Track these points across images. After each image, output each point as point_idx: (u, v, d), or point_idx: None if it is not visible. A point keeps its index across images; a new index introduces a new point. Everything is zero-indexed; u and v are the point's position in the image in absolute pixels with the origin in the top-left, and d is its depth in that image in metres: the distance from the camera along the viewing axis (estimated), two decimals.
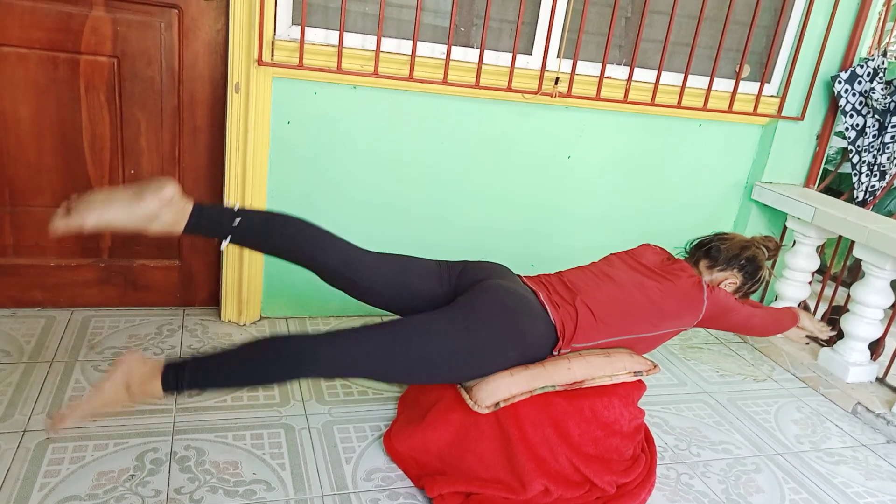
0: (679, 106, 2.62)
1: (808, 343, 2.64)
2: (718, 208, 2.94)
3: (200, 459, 1.74)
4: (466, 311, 1.66)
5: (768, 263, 2.14)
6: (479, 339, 1.63)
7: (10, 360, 2.03)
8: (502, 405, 1.66)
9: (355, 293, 1.77)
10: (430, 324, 1.62)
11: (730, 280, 2.06)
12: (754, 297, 2.89)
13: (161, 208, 1.49)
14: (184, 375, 1.46)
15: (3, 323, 2.23)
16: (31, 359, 2.06)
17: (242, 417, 1.93)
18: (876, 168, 2.79)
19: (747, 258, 2.06)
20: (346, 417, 2.00)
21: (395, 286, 1.77)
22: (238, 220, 1.59)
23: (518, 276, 1.92)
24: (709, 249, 2.10)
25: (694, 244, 2.18)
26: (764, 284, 2.14)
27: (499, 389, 1.67)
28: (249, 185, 2.27)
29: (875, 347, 2.60)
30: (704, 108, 2.66)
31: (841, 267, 2.87)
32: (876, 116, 2.76)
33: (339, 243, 1.72)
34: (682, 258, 2.11)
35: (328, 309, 2.57)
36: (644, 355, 1.90)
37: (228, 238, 1.59)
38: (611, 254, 2.09)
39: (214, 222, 1.58)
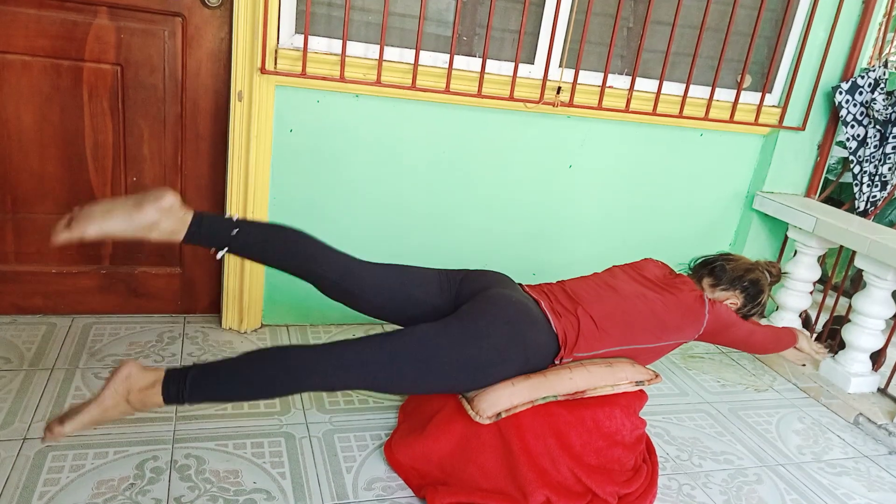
0: (681, 116, 2.63)
1: (804, 365, 2.63)
2: (720, 218, 2.94)
3: (201, 468, 1.73)
4: (468, 322, 1.65)
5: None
6: (481, 349, 1.63)
7: (10, 368, 2.03)
8: (504, 416, 1.66)
9: (355, 304, 1.77)
10: (431, 335, 1.61)
11: (731, 301, 2.07)
12: None
13: (160, 217, 1.50)
14: (185, 387, 1.46)
15: (3, 330, 2.22)
16: (31, 366, 2.05)
17: (243, 426, 1.92)
18: (877, 178, 2.80)
19: (750, 281, 2.08)
20: (347, 426, 1.99)
21: (395, 297, 1.77)
22: (236, 230, 1.59)
23: (519, 284, 1.92)
24: (713, 268, 2.11)
25: (698, 262, 2.20)
26: (763, 308, 2.16)
27: (500, 400, 1.66)
28: (251, 194, 2.27)
29: (877, 358, 2.59)
30: (706, 118, 2.66)
31: (842, 277, 2.87)
32: (877, 127, 2.77)
33: (338, 255, 1.72)
34: (684, 274, 2.12)
35: (329, 317, 2.56)
36: (646, 366, 1.90)
37: (226, 249, 1.59)
38: (613, 266, 2.10)
39: (213, 232, 1.59)
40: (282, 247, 1.66)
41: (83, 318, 2.36)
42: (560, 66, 2.45)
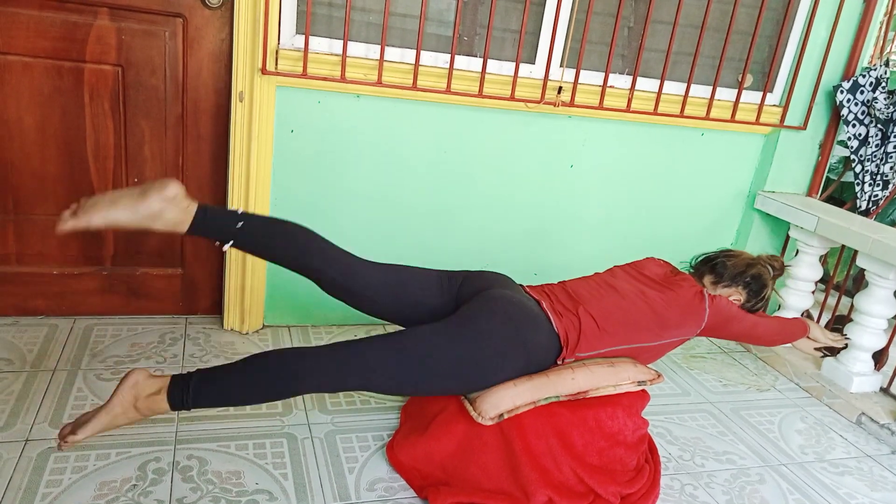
0: (682, 115, 2.63)
1: (822, 356, 2.56)
2: (721, 217, 2.94)
3: (203, 469, 1.73)
4: (469, 322, 1.65)
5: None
6: (483, 349, 1.63)
7: (12, 369, 2.03)
8: (506, 416, 1.66)
9: (355, 303, 1.77)
10: (433, 335, 1.61)
11: (734, 297, 2.07)
12: None
13: (165, 207, 1.50)
14: (188, 392, 1.46)
15: (5, 331, 2.22)
16: (33, 367, 2.05)
17: (245, 427, 1.92)
18: (879, 177, 2.79)
19: (752, 276, 2.07)
20: (349, 427, 1.99)
21: (395, 296, 1.77)
22: (241, 223, 1.59)
23: (520, 285, 1.92)
24: (714, 265, 2.11)
25: (699, 259, 2.19)
26: (766, 303, 2.15)
27: (502, 401, 1.66)
28: (253, 194, 2.27)
29: (879, 357, 2.59)
30: (707, 118, 2.66)
31: (844, 277, 2.87)
32: (878, 126, 2.76)
33: (340, 253, 1.72)
34: (686, 272, 2.11)
35: (331, 318, 2.56)
36: (648, 365, 1.89)
37: (231, 241, 1.59)
38: (614, 266, 2.09)
39: (218, 224, 1.59)
40: (285, 242, 1.66)
41: (85, 319, 2.36)
42: (561, 65, 2.45)
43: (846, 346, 2.53)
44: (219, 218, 1.59)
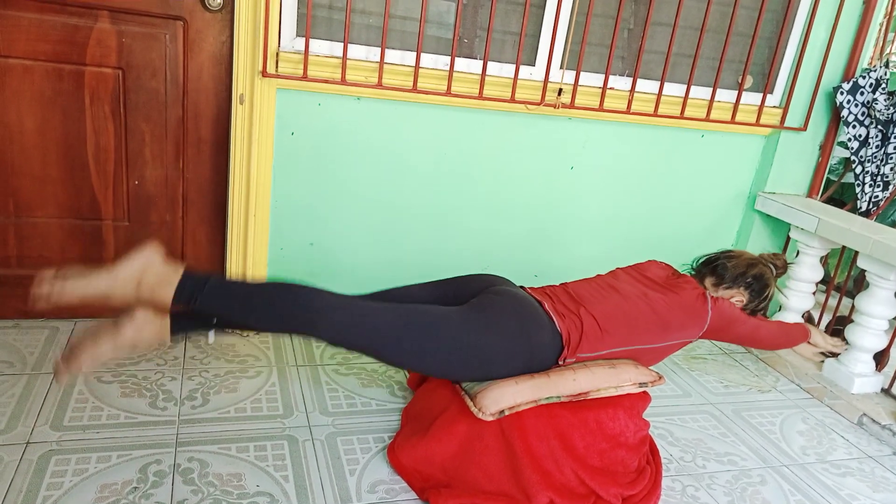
0: (682, 117, 2.63)
1: (822, 360, 2.61)
2: (721, 219, 2.94)
3: (204, 471, 1.73)
4: (477, 311, 1.69)
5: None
6: (489, 338, 1.65)
7: (13, 372, 2.03)
8: (507, 412, 1.66)
9: None
10: (446, 313, 1.65)
11: (736, 298, 2.06)
12: None
13: (139, 333, 1.54)
14: (202, 289, 1.44)
15: (6, 334, 2.22)
16: (34, 370, 2.05)
17: (246, 429, 1.92)
18: (879, 178, 2.79)
19: (754, 276, 2.06)
20: (350, 429, 1.99)
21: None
22: (215, 319, 1.63)
23: (522, 287, 1.92)
24: (715, 267, 2.10)
25: (701, 261, 2.19)
26: (769, 301, 2.15)
27: (503, 397, 1.66)
28: (253, 196, 2.27)
29: (880, 358, 2.59)
30: (707, 119, 2.66)
31: (845, 278, 2.87)
32: (879, 127, 2.76)
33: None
34: (687, 274, 2.11)
35: None
36: (650, 367, 1.89)
37: (213, 329, 1.67)
38: (616, 268, 2.09)
39: (196, 326, 1.65)
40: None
41: (85, 321, 2.36)
42: (561, 67, 2.45)
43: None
44: (194, 321, 1.64)
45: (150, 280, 1.50)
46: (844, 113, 2.77)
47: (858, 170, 2.84)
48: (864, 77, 2.73)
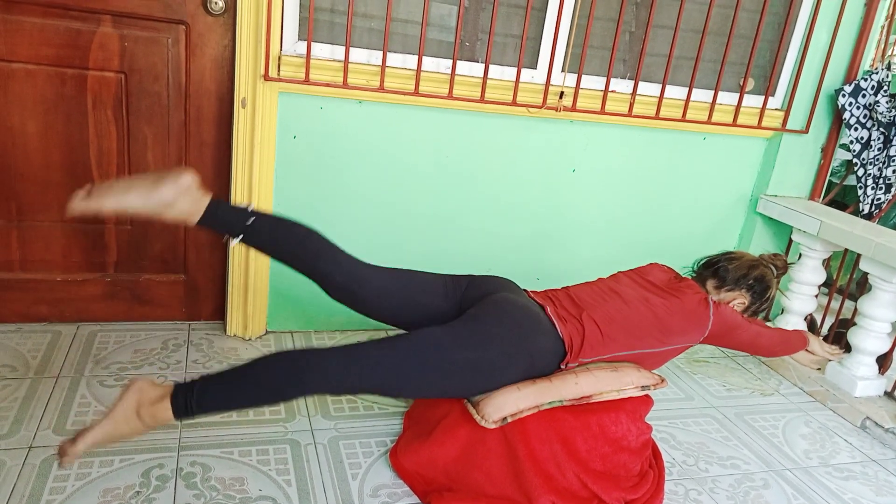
0: (683, 119, 2.63)
1: (819, 368, 2.61)
2: (723, 221, 2.94)
3: (206, 475, 1.73)
4: (474, 325, 1.66)
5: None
6: (488, 352, 1.63)
7: (15, 376, 2.03)
8: (510, 420, 1.66)
9: (359, 307, 1.77)
10: (439, 337, 1.61)
11: (738, 300, 2.05)
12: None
13: (178, 196, 1.52)
14: (192, 396, 1.45)
15: (8, 338, 2.22)
16: (36, 374, 2.06)
17: (248, 433, 1.92)
18: (881, 181, 2.79)
19: (755, 278, 2.06)
20: (352, 433, 1.99)
21: (400, 300, 1.78)
22: (252, 219, 1.61)
23: (524, 290, 1.92)
24: (716, 269, 2.09)
25: (702, 263, 2.18)
26: (771, 303, 2.14)
27: (506, 404, 1.66)
28: (255, 200, 2.27)
29: (883, 361, 2.58)
30: (709, 122, 2.66)
31: (847, 280, 2.86)
32: (881, 129, 2.76)
33: (345, 257, 1.73)
34: (689, 277, 2.11)
35: (334, 323, 2.56)
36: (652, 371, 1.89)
37: (240, 236, 1.61)
38: (618, 271, 2.09)
39: (229, 218, 1.61)
40: (294, 242, 1.67)
41: (88, 325, 2.36)
42: (563, 70, 2.45)
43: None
44: (230, 211, 1.62)
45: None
46: (846, 115, 2.77)
47: (860, 172, 2.84)
48: (865, 79, 2.73)
